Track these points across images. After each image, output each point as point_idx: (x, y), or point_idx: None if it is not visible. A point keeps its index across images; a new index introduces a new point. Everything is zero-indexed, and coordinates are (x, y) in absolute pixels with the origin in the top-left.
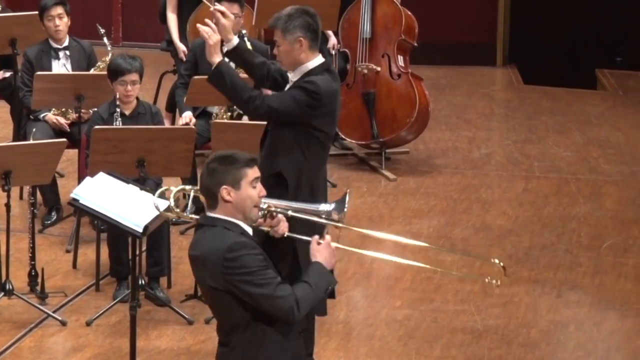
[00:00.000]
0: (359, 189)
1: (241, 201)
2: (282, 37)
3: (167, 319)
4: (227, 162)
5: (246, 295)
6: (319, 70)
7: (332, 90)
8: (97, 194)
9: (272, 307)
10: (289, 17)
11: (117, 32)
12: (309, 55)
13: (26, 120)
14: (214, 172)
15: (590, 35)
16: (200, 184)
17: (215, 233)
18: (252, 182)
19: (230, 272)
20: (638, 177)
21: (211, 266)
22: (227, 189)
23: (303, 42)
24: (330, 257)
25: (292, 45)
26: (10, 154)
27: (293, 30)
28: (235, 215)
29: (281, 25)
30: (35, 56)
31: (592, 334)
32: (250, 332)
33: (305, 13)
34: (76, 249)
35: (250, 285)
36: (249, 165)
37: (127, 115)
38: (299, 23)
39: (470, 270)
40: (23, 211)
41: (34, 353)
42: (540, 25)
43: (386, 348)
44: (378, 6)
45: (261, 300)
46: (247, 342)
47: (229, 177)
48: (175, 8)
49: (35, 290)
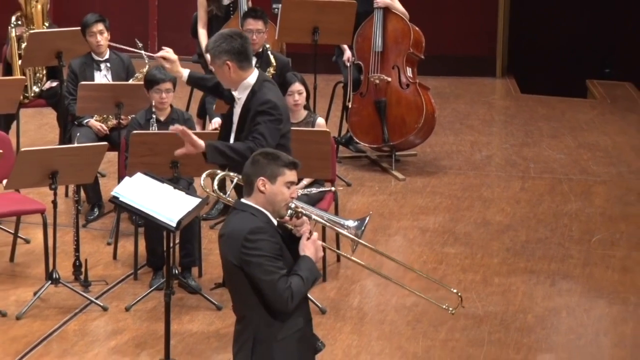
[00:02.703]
0: (371, 187)
1: (273, 195)
2: (212, 62)
3: (198, 305)
4: (270, 158)
5: (252, 276)
6: (259, 83)
7: (279, 95)
8: (135, 192)
9: (271, 294)
10: (214, 43)
11: (153, 46)
12: (242, 75)
13: (71, 126)
14: (257, 163)
15: (581, 49)
16: (243, 171)
17: (243, 216)
18: (288, 182)
19: (247, 252)
20: (624, 177)
21: (233, 243)
22: (263, 181)
23: (231, 64)
24: (317, 251)
25: (222, 69)
26: (57, 156)
27: (219, 55)
28: (265, 206)
29: (210, 52)
30: (79, 68)
31: (582, 320)
32: (260, 312)
33: (229, 36)
34: (116, 242)
35: (258, 269)
36: (289, 167)
37: (161, 121)
38: (223, 48)
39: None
40: (68, 208)
41: (78, 335)
42: (535, 40)
43: (396, 332)
44: (389, 22)
45: (263, 285)
46: (258, 319)
47: (268, 170)
48: (205, 24)
49: (79, 279)
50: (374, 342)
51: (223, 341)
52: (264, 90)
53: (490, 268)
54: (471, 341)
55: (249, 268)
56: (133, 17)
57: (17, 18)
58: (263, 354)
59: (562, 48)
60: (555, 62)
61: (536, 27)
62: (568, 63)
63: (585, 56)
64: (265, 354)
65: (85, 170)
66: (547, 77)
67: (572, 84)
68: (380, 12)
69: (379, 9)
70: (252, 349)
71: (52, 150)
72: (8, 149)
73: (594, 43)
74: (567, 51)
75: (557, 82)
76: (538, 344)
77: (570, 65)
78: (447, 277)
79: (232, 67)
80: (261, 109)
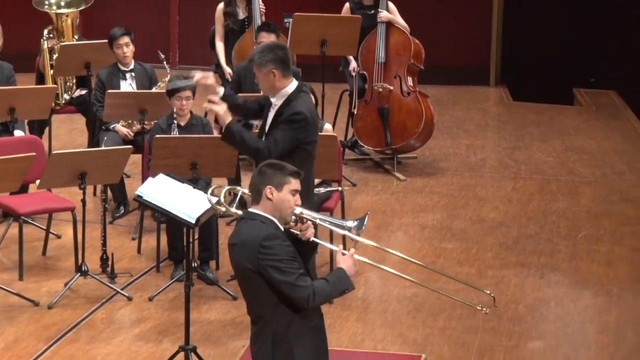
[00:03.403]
0: (375, 187)
1: (280, 202)
2: (258, 71)
3: (215, 295)
4: (276, 168)
5: (272, 279)
6: (296, 93)
7: (311, 107)
8: (158, 192)
9: (292, 293)
10: (261, 53)
11: (174, 57)
12: (284, 82)
13: (99, 131)
14: (264, 173)
15: (569, 60)
16: (250, 181)
17: (254, 224)
18: (293, 190)
19: (263, 257)
20: (608, 178)
21: (249, 250)
22: (270, 189)
23: (276, 72)
24: (353, 265)
25: (268, 77)
26: (86, 159)
27: (266, 64)
28: (273, 213)
29: (256, 60)
30: (106, 77)
31: (569, 309)
32: (279, 312)
33: (275, 47)
34: (140, 237)
35: (276, 271)
36: (293, 176)
37: (182, 126)
38: (270, 57)
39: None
40: (96, 206)
41: (105, 323)
42: (526, 51)
43: (397, 320)
44: (391, 36)
45: (283, 286)
46: (277, 319)
47: (275, 179)
48: (222, 37)
49: (106, 271)
50: (377, 329)
51: (239, 329)
52: (299, 101)
53: (484, 262)
54: (467, 329)
55: (268, 272)
56: (156, 30)
57: (49, 31)
58: (283, 351)
59: (551, 59)
60: (545, 72)
61: (527, 39)
62: (556, 73)
63: (573, 66)
64: (286, 351)
65: (112, 171)
66: (537, 86)
67: (560, 92)
68: (383, 26)
69: (382, 23)
70: (273, 347)
71: (81, 153)
72: (41, 152)
73: (581, 54)
74: (555, 62)
75: (546, 91)
76: (528, 331)
77: (559, 74)
78: (445, 269)
79: (277, 74)
80: (289, 118)
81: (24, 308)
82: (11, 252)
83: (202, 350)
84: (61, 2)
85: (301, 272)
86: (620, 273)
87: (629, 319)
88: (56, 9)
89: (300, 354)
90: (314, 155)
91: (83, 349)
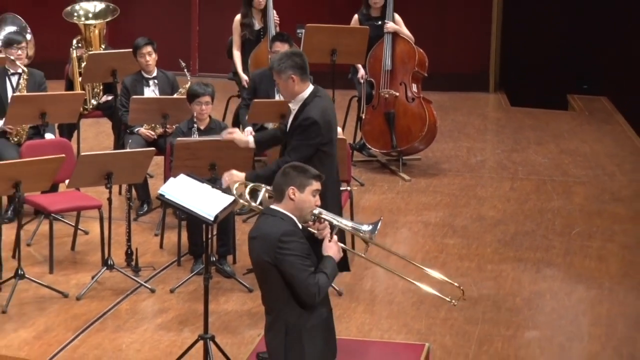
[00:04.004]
0: (382, 187)
1: (301, 202)
2: (278, 77)
3: (232, 287)
4: (299, 170)
5: (285, 273)
6: (311, 97)
7: (324, 110)
8: (179, 191)
9: (301, 289)
10: (280, 60)
11: (194, 65)
12: (302, 87)
13: (124, 134)
14: (288, 175)
15: (563, 69)
16: (274, 181)
17: (274, 221)
18: (314, 192)
19: (281, 252)
20: (600, 179)
21: (268, 244)
22: (293, 190)
23: (295, 77)
24: (337, 252)
25: (287, 82)
26: (112, 160)
27: (285, 70)
28: (293, 212)
29: (276, 67)
30: (131, 84)
31: (563, 302)
32: (292, 304)
33: (293, 54)
34: (162, 233)
35: (291, 266)
36: (315, 179)
37: (202, 129)
38: (289, 64)
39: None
40: (121, 204)
41: (129, 314)
42: (523, 60)
43: (402, 311)
44: (397, 45)
45: (294, 281)
46: (290, 311)
47: (297, 181)
48: (239, 47)
49: (131, 265)
50: (384, 320)
51: (254, 319)
52: (312, 105)
53: (484, 257)
54: (467, 320)
55: (283, 266)
56: (177, 40)
57: (78, 41)
58: (294, 340)
59: (546, 67)
60: (541, 79)
61: (524, 49)
62: (551, 80)
63: (567, 74)
64: (297, 340)
65: (136, 171)
66: (533, 92)
67: (555, 98)
68: (389, 36)
69: (388, 33)
70: (285, 336)
71: (107, 155)
72: (70, 154)
73: (574, 63)
74: (551, 70)
75: (542, 97)
76: (525, 322)
77: (554, 82)
78: (447, 264)
79: (296, 79)
80: (301, 124)
81: (54, 299)
82: (42, 247)
83: (220, 339)
84: (89, 14)
85: (312, 271)
86: (612, 268)
87: (620, 312)
88: (84, 20)
89: (310, 345)
90: (332, 153)
91: (109, 337)
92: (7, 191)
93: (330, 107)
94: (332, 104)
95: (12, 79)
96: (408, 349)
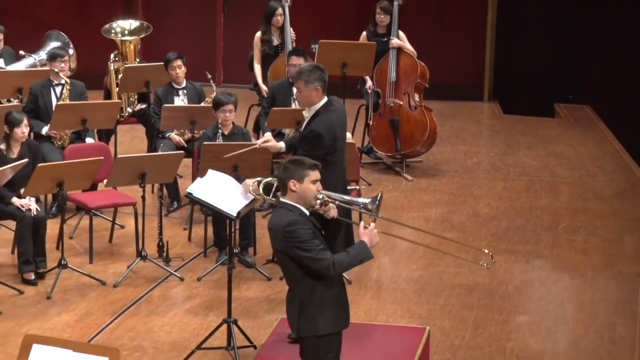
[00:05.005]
0: (387, 187)
1: (302, 192)
2: (304, 86)
3: (253, 276)
4: (297, 164)
5: (297, 256)
6: (324, 109)
7: (329, 124)
8: (205, 190)
9: (315, 265)
10: (310, 72)
11: (219, 76)
12: (321, 98)
13: (156, 138)
14: (287, 169)
15: (550, 80)
16: (277, 177)
17: (282, 212)
18: (312, 180)
19: (288, 240)
20: (584, 179)
21: (277, 234)
22: (293, 182)
23: (320, 89)
24: (373, 238)
25: (312, 92)
26: (145, 162)
27: (314, 82)
28: (298, 201)
29: (305, 77)
30: (163, 93)
31: (550, 289)
32: (304, 283)
33: (319, 68)
34: (190, 228)
35: (300, 250)
36: (312, 169)
37: (226, 134)
38: (317, 76)
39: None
40: (153, 201)
41: (160, 299)
42: (515, 72)
43: (405, 298)
44: (401, 59)
45: (307, 261)
46: (303, 290)
47: (296, 174)
48: (259, 60)
49: (162, 256)
50: (389, 305)
51: (272, 304)
52: (320, 117)
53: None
54: (464, 306)
55: (293, 251)
56: (204, 54)
57: (115, 55)
58: (308, 313)
59: (535, 79)
60: (530, 90)
61: (515, 63)
62: (540, 91)
63: (554, 85)
64: (309, 312)
65: (167, 172)
66: (524, 102)
67: (543, 106)
68: (394, 51)
69: (393, 48)
70: (299, 310)
71: (141, 157)
72: (108, 157)
73: (561, 75)
74: (539, 82)
75: (531, 105)
76: (516, 308)
77: (542, 92)
78: (445, 256)
79: (319, 90)
80: (307, 135)
81: (93, 287)
82: (83, 240)
83: (242, 322)
84: (125, 31)
85: (321, 248)
86: (594, 259)
87: (601, 299)
88: (121, 37)
89: (321, 315)
90: (335, 161)
91: (142, 321)
92: (52, 190)
93: (339, 119)
94: (343, 114)
95: (56, 89)
96: (410, 332)
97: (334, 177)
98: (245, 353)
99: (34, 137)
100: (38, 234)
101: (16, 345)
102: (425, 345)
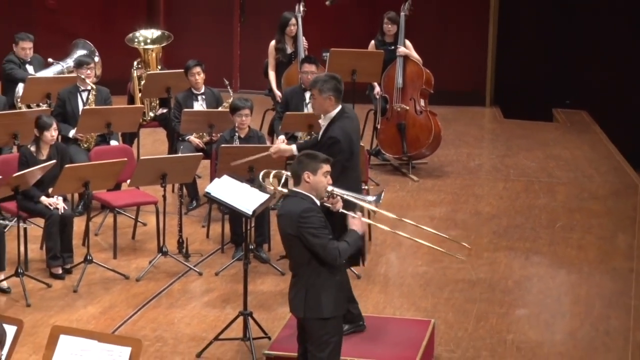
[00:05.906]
0: (394, 186)
1: (315, 183)
2: (318, 95)
3: (267, 271)
4: (310, 157)
5: (308, 242)
6: (339, 116)
7: (345, 129)
8: (223, 190)
9: (324, 253)
10: (324, 81)
11: (236, 83)
12: (335, 106)
13: (176, 141)
14: (302, 162)
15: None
16: (291, 168)
17: (296, 200)
18: (324, 173)
19: (302, 225)
20: (580, 180)
21: (291, 220)
22: (307, 174)
23: (332, 98)
24: (362, 225)
25: (325, 101)
26: (166, 163)
27: (327, 91)
28: (310, 192)
29: (319, 86)
30: (182, 99)
31: (548, 284)
32: (311, 267)
33: (334, 78)
34: (208, 225)
35: (312, 236)
36: (324, 162)
37: (242, 137)
38: (330, 86)
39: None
40: (174, 200)
41: (180, 293)
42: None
43: (411, 292)
44: (407, 66)
45: (317, 248)
46: (308, 274)
47: (310, 166)
48: (274, 67)
49: (182, 252)
50: (396, 299)
51: (286, 298)
52: (337, 124)
53: (480, 246)
54: (467, 299)
55: (305, 237)
56: (222, 62)
57: (138, 63)
58: (313, 296)
59: (535, 85)
60: (530, 95)
61: (515, 70)
62: (539, 96)
63: (552, 91)
64: (315, 297)
65: (187, 173)
66: (523, 107)
67: (542, 111)
68: (401, 59)
69: (400, 56)
70: (305, 294)
71: (162, 159)
72: (131, 158)
73: (559, 82)
74: (538, 88)
75: (531, 110)
76: (516, 301)
77: (541, 98)
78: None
79: (332, 100)
80: (326, 142)
81: (117, 281)
82: (107, 236)
83: (257, 315)
84: (148, 40)
85: (330, 237)
86: (590, 256)
87: (597, 293)
88: (144, 45)
89: (325, 297)
90: (350, 165)
91: (163, 313)
92: (78, 189)
93: (353, 125)
94: (356, 121)
95: (82, 94)
96: (416, 324)
97: (351, 180)
98: (260, 344)
99: (62, 140)
100: (65, 231)
101: (44, 335)
102: (430, 336)
